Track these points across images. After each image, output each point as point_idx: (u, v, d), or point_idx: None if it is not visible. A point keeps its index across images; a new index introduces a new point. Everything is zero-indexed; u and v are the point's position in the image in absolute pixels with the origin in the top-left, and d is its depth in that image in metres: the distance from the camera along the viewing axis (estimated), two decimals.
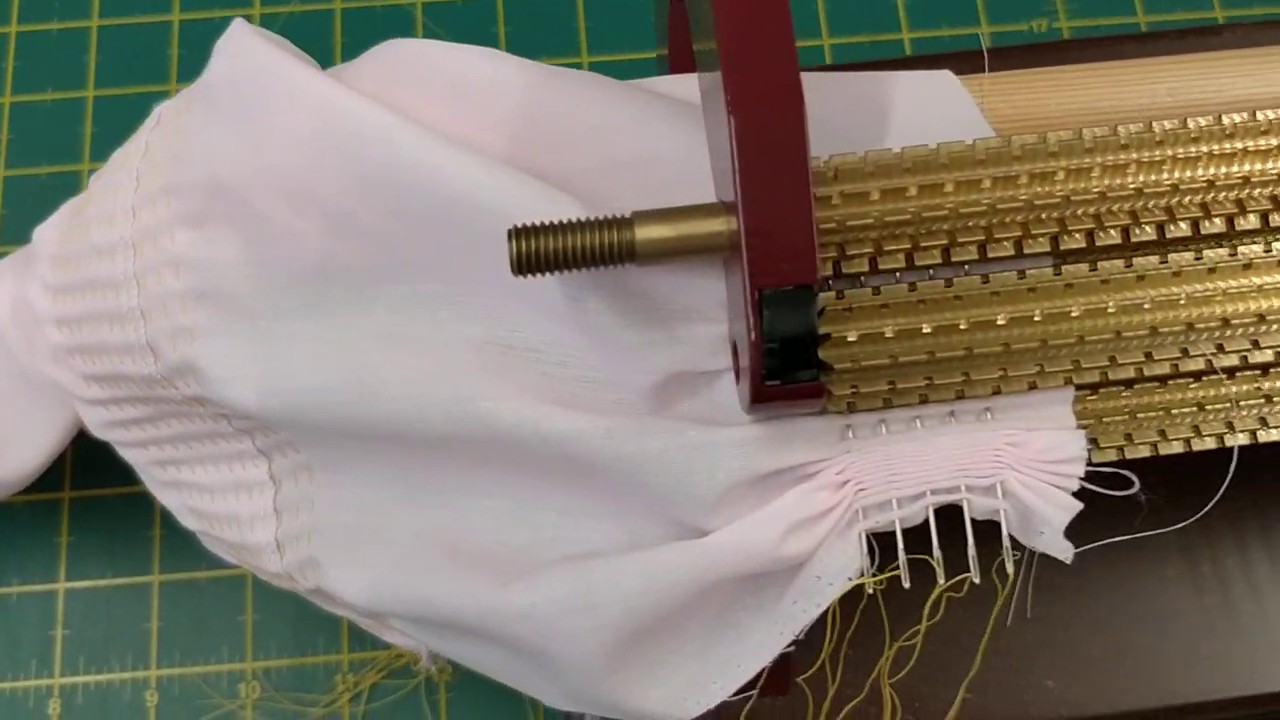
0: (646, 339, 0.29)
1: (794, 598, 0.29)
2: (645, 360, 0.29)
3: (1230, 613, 0.35)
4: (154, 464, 0.38)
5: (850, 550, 0.28)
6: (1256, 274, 0.27)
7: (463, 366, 0.30)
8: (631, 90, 0.30)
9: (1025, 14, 0.55)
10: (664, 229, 0.27)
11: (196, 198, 0.32)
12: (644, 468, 0.28)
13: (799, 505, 0.28)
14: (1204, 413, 0.29)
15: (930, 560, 0.28)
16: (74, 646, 0.45)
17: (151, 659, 0.45)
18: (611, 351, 0.29)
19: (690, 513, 0.28)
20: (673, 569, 0.28)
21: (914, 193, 0.27)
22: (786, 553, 0.28)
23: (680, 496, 0.28)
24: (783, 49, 0.26)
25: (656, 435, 0.28)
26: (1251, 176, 0.27)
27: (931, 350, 0.27)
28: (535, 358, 0.30)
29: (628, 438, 0.28)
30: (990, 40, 0.54)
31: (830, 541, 0.28)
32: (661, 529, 0.30)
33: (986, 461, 0.28)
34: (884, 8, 0.55)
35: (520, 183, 0.28)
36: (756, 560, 0.28)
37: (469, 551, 0.32)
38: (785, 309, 0.26)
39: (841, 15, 0.55)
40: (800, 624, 0.29)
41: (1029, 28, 0.55)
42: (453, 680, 0.45)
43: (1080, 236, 0.27)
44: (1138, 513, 0.33)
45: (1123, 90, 0.32)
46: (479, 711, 0.45)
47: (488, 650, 0.32)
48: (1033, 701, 0.34)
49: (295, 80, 0.31)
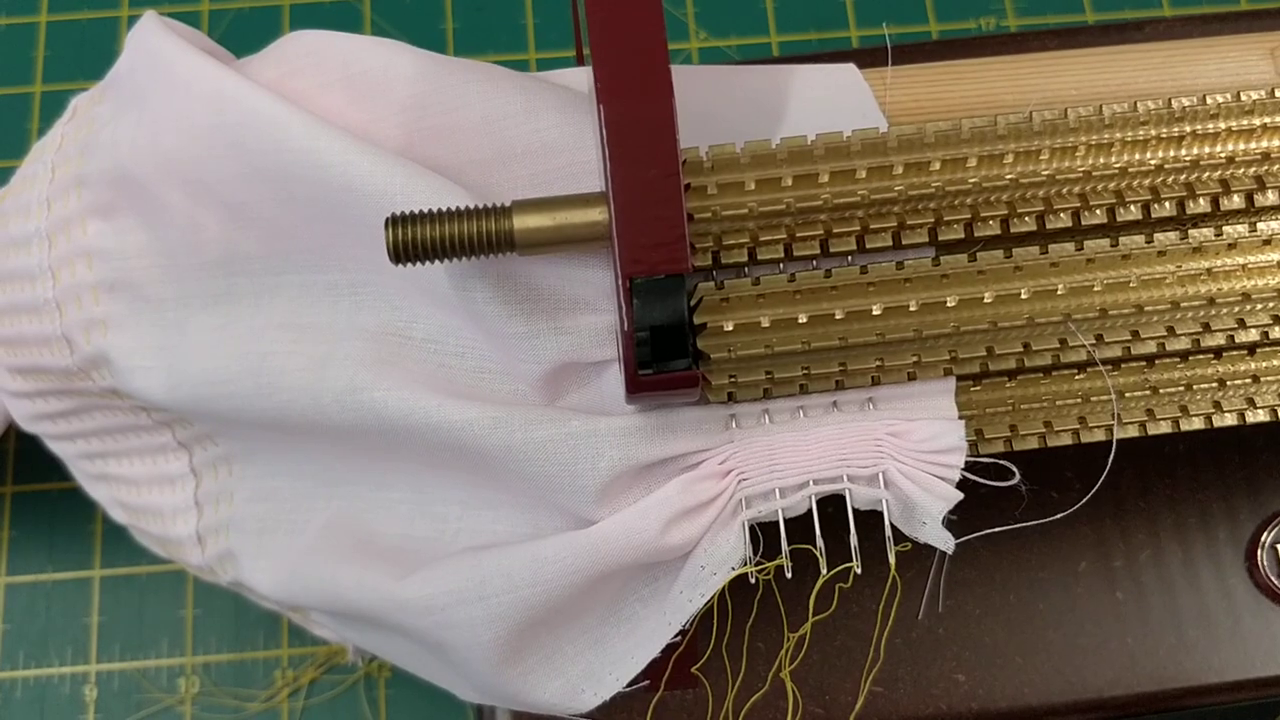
0: (533, 329, 0.29)
1: (681, 588, 0.29)
2: (534, 350, 0.29)
3: (1142, 608, 0.35)
4: (81, 457, 0.38)
5: (734, 540, 0.28)
6: (1136, 264, 0.27)
7: (358, 356, 0.30)
8: (525, 80, 0.31)
9: (973, 12, 0.55)
10: (542, 218, 0.27)
11: (105, 189, 0.33)
12: (530, 458, 0.28)
13: (682, 495, 0.28)
14: (1089, 404, 0.29)
15: (813, 550, 0.28)
16: (13, 641, 0.45)
17: (91, 654, 0.45)
18: (502, 341, 0.29)
19: (576, 503, 0.29)
20: (559, 559, 0.28)
21: (789, 183, 0.27)
22: (670, 542, 0.28)
23: (566, 486, 0.28)
24: (652, 40, 0.26)
25: (542, 425, 0.28)
26: (1129, 167, 0.27)
27: (807, 340, 0.27)
28: (434, 348, 0.31)
29: (514, 428, 0.29)
30: (938, 38, 0.54)
31: (714, 531, 0.28)
32: (559, 520, 0.30)
33: (868, 451, 0.28)
34: (831, 6, 0.55)
35: (409, 173, 0.29)
36: (640, 550, 0.28)
37: (376, 544, 0.32)
38: (656, 298, 0.26)
39: (789, 13, 0.55)
40: (687, 614, 0.29)
41: (977, 25, 0.55)
42: (391, 676, 0.45)
43: (958, 227, 0.27)
44: (1050, 504, 0.33)
45: (1023, 84, 0.32)
46: (417, 707, 0.45)
47: (398, 643, 0.33)
48: (942, 695, 0.34)
49: (193, 71, 0.31)
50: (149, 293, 0.33)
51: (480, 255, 0.27)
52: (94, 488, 0.39)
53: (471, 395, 0.30)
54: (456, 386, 0.30)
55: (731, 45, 0.55)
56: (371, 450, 0.32)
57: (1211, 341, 0.28)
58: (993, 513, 0.32)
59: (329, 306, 0.31)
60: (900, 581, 0.35)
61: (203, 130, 0.30)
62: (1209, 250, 0.27)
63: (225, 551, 0.35)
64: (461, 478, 0.31)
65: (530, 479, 0.29)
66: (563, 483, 0.28)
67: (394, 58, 0.31)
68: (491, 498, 0.31)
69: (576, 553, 0.28)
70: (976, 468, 0.29)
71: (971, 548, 0.31)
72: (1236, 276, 0.27)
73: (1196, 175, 0.28)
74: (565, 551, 0.28)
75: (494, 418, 0.29)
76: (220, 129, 0.30)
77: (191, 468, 0.36)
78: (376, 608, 0.30)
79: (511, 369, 0.30)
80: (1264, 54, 0.33)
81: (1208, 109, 0.28)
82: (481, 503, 0.31)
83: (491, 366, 0.30)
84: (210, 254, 0.32)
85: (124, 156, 0.32)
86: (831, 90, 0.32)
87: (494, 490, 0.31)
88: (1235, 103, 0.28)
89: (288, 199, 0.30)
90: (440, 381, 0.30)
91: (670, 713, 0.34)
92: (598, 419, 0.28)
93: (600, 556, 0.28)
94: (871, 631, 0.35)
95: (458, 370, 0.30)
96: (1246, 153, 0.28)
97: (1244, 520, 0.36)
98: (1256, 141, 0.28)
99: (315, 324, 0.31)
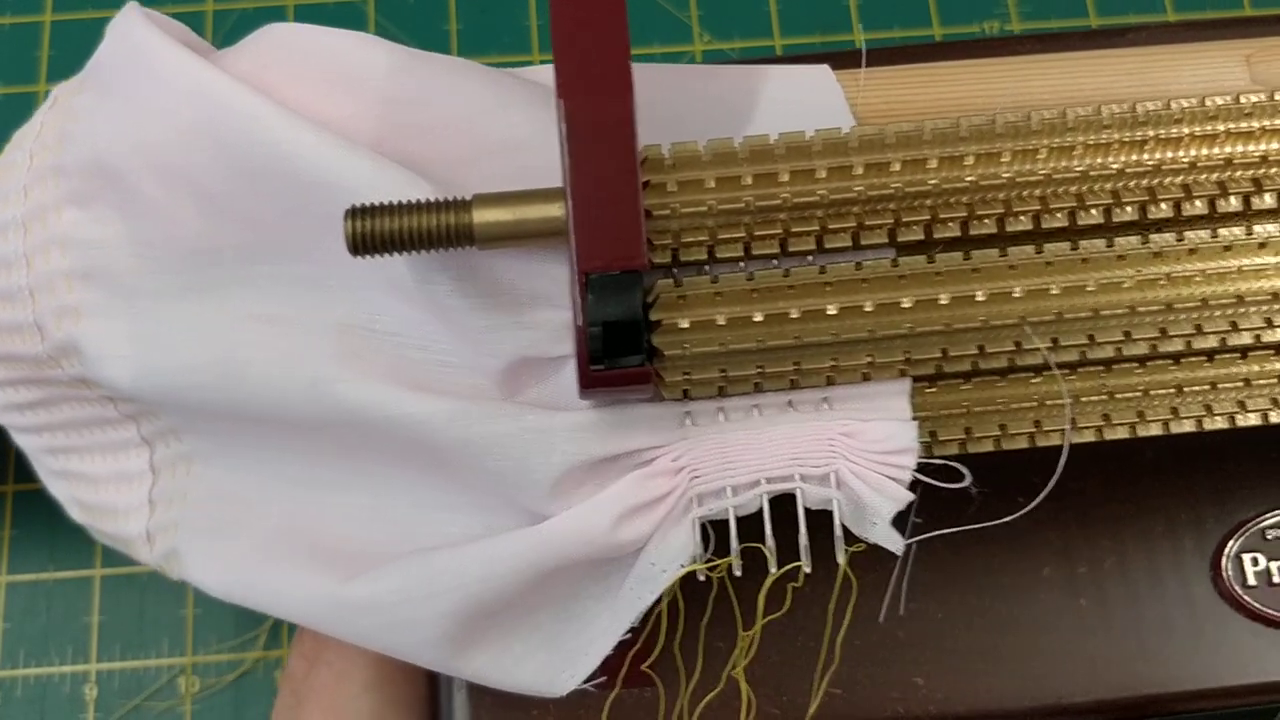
0: (493, 322, 0.29)
1: (632, 584, 0.29)
2: (494, 344, 0.29)
3: (1104, 615, 0.35)
4: (45, 451, 0.38)
5: (684, 537, 0.28)
6: (1095, 269, 0.27)
7: (324, 349, 0.30)
8: (498, 77, 0.31)
9: (977, 16, 0.55)
10: (502, 213, 0.27)
11: (82, 177, 0.33)
12: (487, 452, 0.29)
13: (633, 491, 0.28)
14: (1045, 408, 0.29)
15: (764, 549, 0.28)
16: (14, 640, 0.45)
17: (91, 653, 0.45)
18: (463, 335, 0.29)
19: (530, 498, 0.29)
20: (511, 555, 0.28)
21: (749, 181, 0.27)
22: (622, 538, 0.28)
23: (521, 481, 0.28)
24: (614, 37, 0.26)
25: (498, 420, 0.29)
26: (1091, 171, 0.27)
27: (762, 338, 0.27)
28: (397, 341, 0.31)
29: (471, 422, 0.29)
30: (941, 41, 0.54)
31: (665, 528, 0.28)
32: (514, 518, 0.30)
33: (820, 451, 0.28)
34: (836, 9, 0.55)
35: (377, 166, 0.29)
36: (592, 546, 0.28)
37: (328, 546, 0.32)
38: (610, 294, 0.26)
39: (793, 16, 0.55)
40: (637, 610, 0.29)
41: (981, 29, 0.55)
42: None
43: (917, 229, 0.27)
44: (1017, 508, 0.33)
45: (995, 87, 0.32)
46: None
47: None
48: (900, 699, 0.34)
49: (169, 62, 0.31)
50: (123, 282, 0.33)
51: (440, 248, 0.27)
52: (54, 484, 0.38)
53: (432, 389, 0.30)
54: (418, 380, 0.30)
55: (735, 48, 0.55)
56: (335, 450, 0.32)
57: (1169, 347, 0.28)
58: (958, 516, 0.32)
59: (296, 299, 0.31)
60: (861, 583, 0.35)
61: (179, 121, 0.30)
62: (1169, 255, 0.27)
63: (171, 550, 0.35)
64: (418, 477, 0.31)
65: (487, 474, 0.29)
66: (517, 478, 0.28)
67: (368, 52, 0.31)
68: (445, 499, 0.31)
69: (528, 548, 0.28)
70: (935, 469, 0.29)
71: (935, 551, 0.31)
72: (1196, 282, 0.27)
73: (1158, 180, 0.28)
74: (516, 547, 0.28)
75: (450, 411, 0.29)
76: (196, 121, 0.30)
77: (151, 464, 0.36)
78: (320, 610, 0.30)
79: (473, 363, 0.30)
80: (1239, 61, 0.33)
81: (1171, 114, 0.28)
82: (435, 504, 0.31)
83: (453, 360, 0.30)
84: (185, 245, 0.32)
85: (102, 146, 0.32)
86: (804, 91, 0.32)
87: (453, 491, 0.31)
88: (1200, 108, 0.28)
89: (260, 191, 0.30)
90: (403, 375, 0.30)
91: (628, 710, 0.34)
92: (554, 414, 0.28)
93: (551, 551, 0.28)
94: (833, 633, 0.35)
95: (420, 364, 0.30)
96: (1210, 158, 0.28)
97: (1210, 529, 0.35)
98: (1219, 147, 0.28)
99: (283, 316, 0.31)
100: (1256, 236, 0.28)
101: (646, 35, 0.55)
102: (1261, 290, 0.27)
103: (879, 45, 0.54)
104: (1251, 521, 0.36)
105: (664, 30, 0.55)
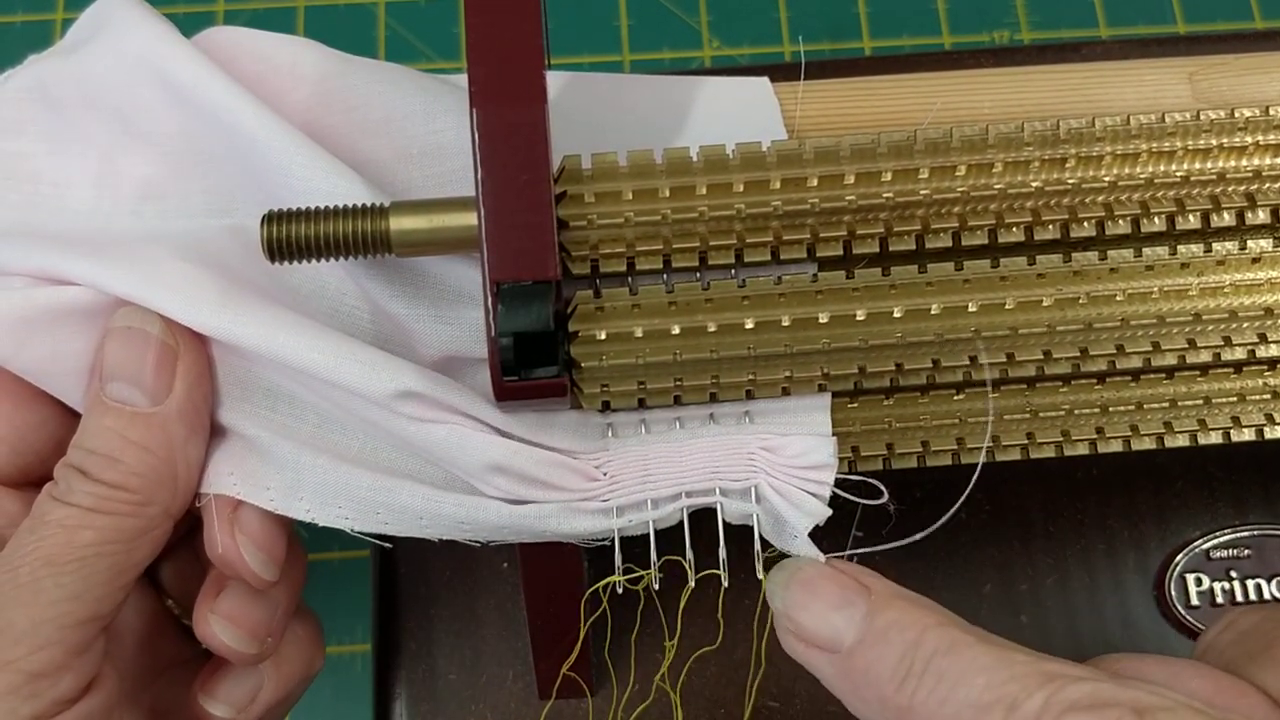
0: (415, 312, 0.29)
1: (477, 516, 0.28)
2: (422, 336, 0.29)
3: (1044, 633, 0.35)
4: None
5: (584, 525, 0.28)
6: (1015, 286, 0.27)
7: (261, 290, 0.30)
8: (428, 82, 0.31)
9: (987, 25, 0.55)
10: (419, 220, 0.27)
11: (16, 105, 0.32)
12: (419, 447, 0.28)
13: (543, 469, 0.28)
14: (967, 425, 0.29)
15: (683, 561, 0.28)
16: None
17: None
18: (390, 320, 0.29)
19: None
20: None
21: (667, 194, 0.27)
22: (499, 485, 0.28)
23: (451, 467, 0.28)
24: (528, 46, 0.26)
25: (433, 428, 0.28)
26: (1010, 188, 0.27)
27: (679, 351, 0.27)
28: (333, 309, 0.30)
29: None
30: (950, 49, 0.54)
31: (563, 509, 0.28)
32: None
33: (740, 465, 0.28)
34: (846, 16, 0.55)
35: (308, 142, 0.29)
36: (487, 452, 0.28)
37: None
38: (521, 304, 0.26)
39: (803, 23, 0.55)
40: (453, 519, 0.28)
41: (990, 39, 0.55)
42: None
43: (836, 244, 0.27)
44: (959, 525, 0.33)
45: (935, 101, 0.32)
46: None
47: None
48: (838, 713, 0.34)
49: (130, 18, 0.31)
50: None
51: (358, 256, 0.27)
52: None
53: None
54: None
55: (744, 54, 0.55)
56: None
57: (1092, 367, 0.28)
58: (897, 531, 0.31)
59: (227, 250, 0.31)
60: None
61: (129, 63, 0.30)
62: (1090, 274, 0.27)
63: None
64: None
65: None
66: (446, 464, 0.28)
67: (300, 55, 0.31)
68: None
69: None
70: (857, 486, 0.28)
71: (875, 566, 0.31)
72: (1118, 301, 0.27)
73: (1079, 199, 0.27)
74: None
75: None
76: (147, 68, 0.30)
77: None
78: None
79: (408, 349, 0.30)
80: (1183, 78, 0.33)
81: (1094, 131, 0.27)
82: None
83: (390, 340, 0.30)
84: (124, 189, 0.31)
85: (46, 75, 0.32)
86: (738, 103, 0.32)
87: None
88: (1123, 126, 0.27)
89: (201, 134, 0.30)
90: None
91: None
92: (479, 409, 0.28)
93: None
94: (774, 648, 0.34)
95: (360, 333, 0.30)
96: (1131, 177, 0.27)
97: (1153, 550, 0.35)
98: (1141, 166, 0.27)
99: (219, 263, 0.30)
100: (1180, 256, 0.28)
101: (657, 41, 0.55)
102: (1184, 311, 0.27)
103: (887, 53, 0.54)
104: (1196, 542, 0.35)
105: (674, 36, 0.55)
